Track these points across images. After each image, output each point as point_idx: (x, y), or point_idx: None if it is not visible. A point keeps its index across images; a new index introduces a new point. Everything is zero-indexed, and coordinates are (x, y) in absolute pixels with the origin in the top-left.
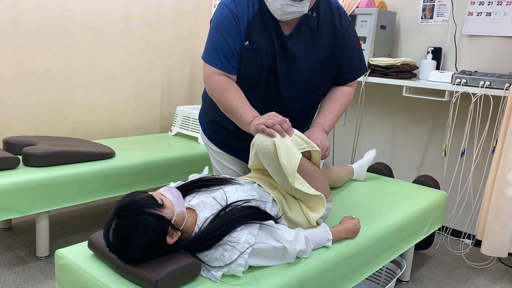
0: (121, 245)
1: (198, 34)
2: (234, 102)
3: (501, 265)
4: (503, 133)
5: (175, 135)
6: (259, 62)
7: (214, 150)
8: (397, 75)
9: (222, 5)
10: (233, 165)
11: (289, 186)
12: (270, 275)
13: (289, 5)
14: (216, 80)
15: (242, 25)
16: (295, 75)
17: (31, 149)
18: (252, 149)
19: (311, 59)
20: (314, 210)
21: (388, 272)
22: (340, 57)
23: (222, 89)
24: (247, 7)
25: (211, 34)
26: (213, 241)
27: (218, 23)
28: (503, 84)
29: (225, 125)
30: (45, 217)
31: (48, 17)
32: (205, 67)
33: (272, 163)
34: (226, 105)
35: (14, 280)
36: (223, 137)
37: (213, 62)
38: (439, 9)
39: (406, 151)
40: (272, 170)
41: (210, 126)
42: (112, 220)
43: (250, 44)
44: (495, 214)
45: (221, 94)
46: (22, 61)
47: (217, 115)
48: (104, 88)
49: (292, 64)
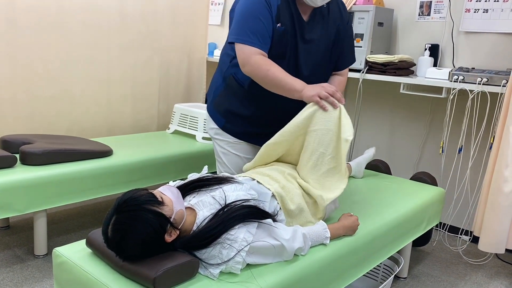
0: (119, 240)
1: (195, 31)
2: (280, 74)
3: (498, 261)
4: (500, 130)
5: (172, 133)
6: (285, 43)
7: (225, 140)
8: (394, 72)
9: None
10: (242, 153)
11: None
12: (268, 272)
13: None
14: (258, 59)
15: (273, 9)
16: (311, 57)
17: (29, 148)
18: (306, 111)
19: (324, 42)
20: (330, 189)
21: (385, 268)
22: (341, 41)
23: (266, 65)
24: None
25: (245, 19)
26: (211, 239)
27: (252, 8)
28: (500, 81)
29: (241, 112)
30: (43, 215)
31: (44, 14)
32: (243, 49)
33: (327, 136)
34: (274, 79)
35: (12, 279)
36: (239, 125)
37: (252, 42)
38: (437, 6)
39: (404, 148)
40: (322, 134)
41: (225, 116)
42: (112, 215)
43: (281, 26)
44: (492, 211)
45: (267, 69)
46: (18, 58)
47: (233, 104)
48: (101, 85)
49: (309, 47)
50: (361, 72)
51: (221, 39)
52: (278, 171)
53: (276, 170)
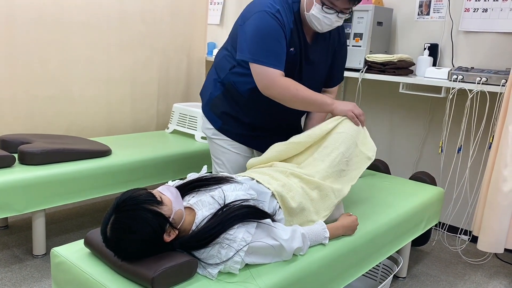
0: (118, 239)
1: (194, 30)
2: (309, 92)
3: (498, 261)
4: (499, 129)
5: (172, 133)
6: (293, 65)
7: (224, 139)
8: (393, 72)
9: (268, 14)
10: (242, 151)
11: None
12: (267, 272)
13: (337, 21)
14: (284, 80)
15: (287, 33)
16: (312, 77)
17: (27, 147)
18: (332, 122)
19: (323, 63)
20: (342, 186)
21: (385, 268)
22: (336, 61)
23: (293, 86)
24: (286, 16)
25: (263, 39)
26: (210, 239)
27: (270, 30)
28: (499, 81)
29: (240, 118)
30: (41, 215)
31: (43, 13)
32: (266, 72)
33: (351, 141)
34: (304, 97)
35: (11, 279)
36: (237, 128)
37: (275, 65)
38: (436, 5)
39: (403, 147)
40: (345, 144)
41: (222, 118)
42: (111, 215)
43: (293, 50)
44: (491, 210)
45: (296, 90)
46: (17, 58)
47: (232, 109)
48: (100, 85)
49: (311, 68)
50: (360, 71)
51: (220, 38)
52: (279, 171)
53: (277, 169)
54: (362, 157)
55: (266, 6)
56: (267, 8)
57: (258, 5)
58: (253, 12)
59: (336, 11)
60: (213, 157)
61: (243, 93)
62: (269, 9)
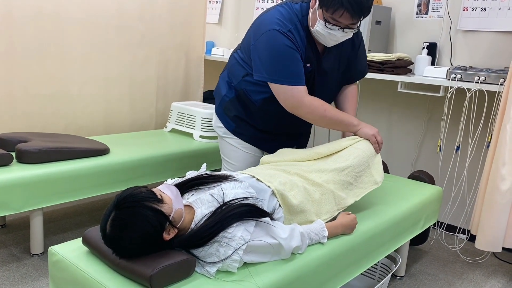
0: (118, 236)
1: (192, 29)
2: (336, 113)
3: (496, 259)
4: (498, 128)
5: (170, 131)
6: (307, 80)
7: (233, 138)
8: (392, 71)
9: (281, 33)
10: (252, 151)
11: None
12: (265, 271)
13: (343, 36)
14: (311, 99)
15: (302, 50)
16: (325, 86)
17: (25, 146)
18: (351, 140)
19: (336, 71)
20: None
21: (383, 267)
22: (353, 63)
23: (321, 106)
24: (299, 34)
25: (280, 60)
26: (208, 238)
27: (284, 49)
28: (497, 80)
29: (252, 123)
30: (39, 214)
31: (41, 12)
32: (291, 91)
33: (365, 159)
34: (331, 118)
35: (8, 277)
36: (250, 131)
37: (298, 82)
38: (434, 4)
39: (401, 146)
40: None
41: (235, 121)
42: (111, 211)
43: (309, 66)
44: (489, 209)
45: (324, 110)
46: (15, 56)
47: (245, 114)
48: (98, 84)
49: (323, 78)
50: None
51: (219, 37)
52: (283, 170)
53: (281, 168)
54: (371, 179)
55: (275, 24)
56: (277, 27)
57: (267, 23)
58: (264, 31)
59: (340, 27)
60: (222, 156)
61: (255, 102)
62: (280, 27)
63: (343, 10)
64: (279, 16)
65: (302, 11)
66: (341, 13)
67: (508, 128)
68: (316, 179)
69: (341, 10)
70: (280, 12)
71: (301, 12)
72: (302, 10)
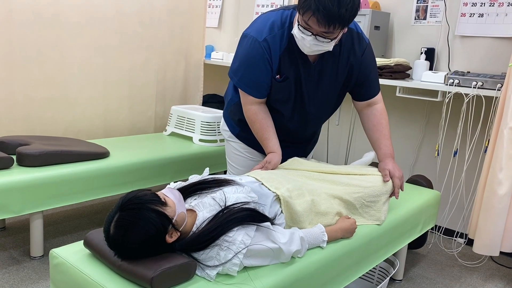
0: (121, 237)
1: (192, 33)
2: (260, 132)
3: (493, 263)
4: (495, 133)
5: (169, 135)
6: (287, 89)
7: (237, 142)
8: (390, 76)
9: (255, 41)
10: (256, 156)
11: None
12: (264, 274)
13: (315, 45)
14: (250, 109)
15: (274, 60)
16: (318, 94)
17: (25, 149)
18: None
19: (333, 80)
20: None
21: (381, 271)
22: (358, 74)
23: (254, 117)
24: (279, 43)
25: (247, 66)
26: (209, 242)
27: (252, 58)
28: (495, 85)
29: None
30: (39, 217)
31: (41, 15)
32: (243, 95)
33: (381, 193)
34: (256, 133)
35: (8, 280)
36: (253, 136)
37: (250, 93)
38: (432, 10)
39: (400, 150)
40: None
41: (239, 125)
42: (115, 213)
43: (280, 77)
44: (487, 213)
45: (251, 122)
46: (14, 59)
47: None
48: (98, 87)
49: (316, 86)
50: None
51: (218, 41)
52: (291, 179)
53: (289, 178)
54: (375, 214)
55: (254, 30)
56: (253, 33)
57: (250, 27)
58: (247, 34)
59: (312, 33)
60: (227, 159)
61: None
62: (256, 34)
63: (311, 13)
64: (261, 22)
65: (291, 17)
66: (309, 16)
67: (505, 133)
68: (325, 190)
69: (309, 13)
70: (266, 18)
71: (290, 19)
72: (292, 17)
